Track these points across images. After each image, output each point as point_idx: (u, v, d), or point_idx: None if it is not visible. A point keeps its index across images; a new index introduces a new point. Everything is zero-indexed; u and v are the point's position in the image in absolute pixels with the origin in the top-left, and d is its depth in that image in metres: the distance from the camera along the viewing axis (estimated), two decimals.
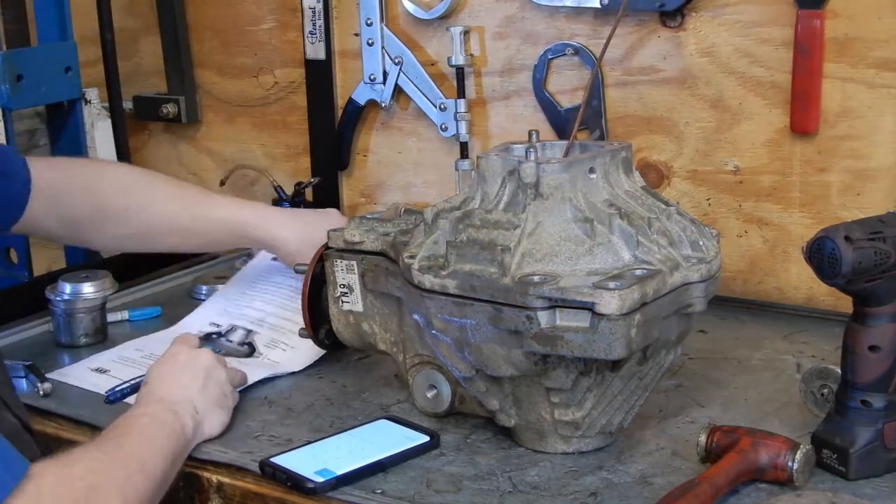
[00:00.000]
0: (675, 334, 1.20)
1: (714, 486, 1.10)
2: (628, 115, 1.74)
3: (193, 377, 1.31)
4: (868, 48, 1.55)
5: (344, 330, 1.39)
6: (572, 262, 1.14)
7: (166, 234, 1.60)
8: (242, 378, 1.41)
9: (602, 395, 1.20)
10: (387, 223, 1.36)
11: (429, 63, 1.88)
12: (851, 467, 1.14)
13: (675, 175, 1.72)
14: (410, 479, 1.20)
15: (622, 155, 1.24)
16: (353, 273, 1.36)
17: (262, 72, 2.07)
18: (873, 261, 1.10)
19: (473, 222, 1.19)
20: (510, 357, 1.16)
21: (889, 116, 1.55)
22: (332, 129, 1.98)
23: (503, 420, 1.25)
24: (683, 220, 1.22)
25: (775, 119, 1.63)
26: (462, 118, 1.83)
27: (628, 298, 1.08)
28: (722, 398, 1.37)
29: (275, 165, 2.09)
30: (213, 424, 1.30)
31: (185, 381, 1.30)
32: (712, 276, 1.19)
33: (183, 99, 2.12)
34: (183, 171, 2.21)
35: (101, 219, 1.56)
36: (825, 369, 1.26)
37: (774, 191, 1.66)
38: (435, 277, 1.17)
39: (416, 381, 1.33)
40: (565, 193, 1.17)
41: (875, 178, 1.58)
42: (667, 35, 1.68)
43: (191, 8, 2.11)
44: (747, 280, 1.70)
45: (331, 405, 1.39)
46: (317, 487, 1.17)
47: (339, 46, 1.96)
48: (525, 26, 1.79)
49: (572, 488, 1.17)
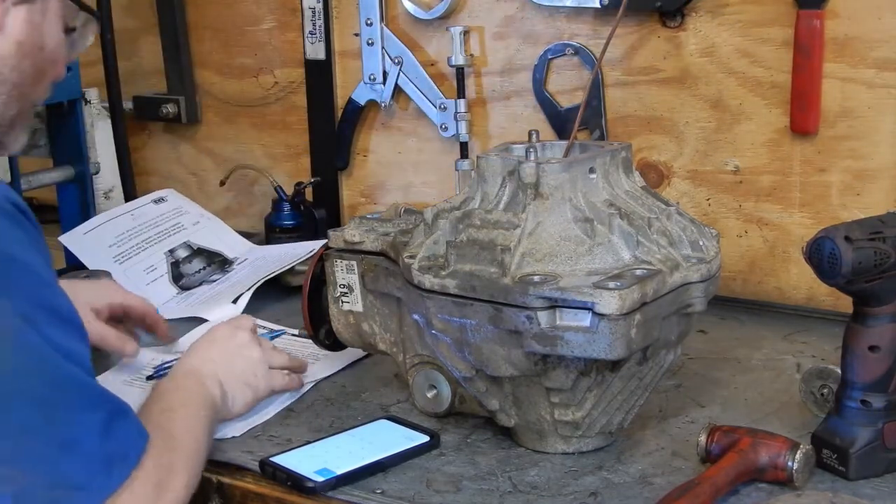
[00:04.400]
0: (675, 334, 1.20)
1: (714, 486, 1.10)
2: (628, 115, 1.74)
3: (222, 352, 1.32)
4: (868, 48, 1.55)
5: (344, 330, 1.39)
6: (572, 262, 1.14)
7: None
8: (283, 361, 1.40)
9: (602, 395, 1.20)
10: (387, 223, 1.36)
11: (429, 63, 1.88)
12: (851, 467, 1.14)
13: (675, 175, 1.72)
14: (410, 479, 1.20)
15: (622, 155, 1.24)
16: (353, 273, 1.36)
17: (262, 72, 2.07)
18: (873, 261, 1.10)
19: (473, 222, 1.19)
20: (510, 357, 1.16)
21: (889, 116, 1.56)
22: (332, 129, 1.99)
23: (503, 420, 1.25)
24: (683, 220, 1.22)
25: (775, 119, 1.63)
26: (462, 118, 1.83)
27: (628, 298, 1.08)
28: (722, 398, 1.37)
29: (275, 165, 2.09)
30: (237, 402, 1.30)
31: (213, 356, 1.31)
32: (712, 276, 1.19)
33: (183, 99, 2.13)
34: (183, 172, 2.22)
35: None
36: (825, 369, 1.26)
37: (774, 191, 1.66)
38: (435, 277, 1.17)
39: (416, 381, 1.33)
40: (565, 193, 1.17)
41: (875, 178, 1.58)
42: (667, 35, 1.68)
43: (191, 8, 2.11)
44: (747, 280, 1.71)
45: (331, 405, 1.39)
46: (317, 487, 1.17)
47: (339, 46, 1.96)
48: (525, 26, 1.79)
49: (572, 488, 1.17)
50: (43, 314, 0.97)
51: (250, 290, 1.72)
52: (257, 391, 1.34)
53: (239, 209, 2.16)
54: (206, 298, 1.75)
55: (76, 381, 0.99)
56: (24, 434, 0.95)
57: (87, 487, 0.97)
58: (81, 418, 0.98)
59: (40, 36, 1.12)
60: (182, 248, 1.88)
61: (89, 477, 0.97)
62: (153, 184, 2.19)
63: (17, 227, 0.98)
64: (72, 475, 0.96)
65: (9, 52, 1.09)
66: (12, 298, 0.95)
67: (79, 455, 0.97)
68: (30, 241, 0.99)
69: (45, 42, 1.13)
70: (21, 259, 0.97)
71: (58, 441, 0.96)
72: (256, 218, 2.08)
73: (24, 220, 1.00)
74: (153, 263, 1.84)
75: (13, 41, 1.09)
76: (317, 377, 1.46)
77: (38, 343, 0.96)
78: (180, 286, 1.82)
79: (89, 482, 0.97)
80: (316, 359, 1.51)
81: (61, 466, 0.96)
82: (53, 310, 0.99)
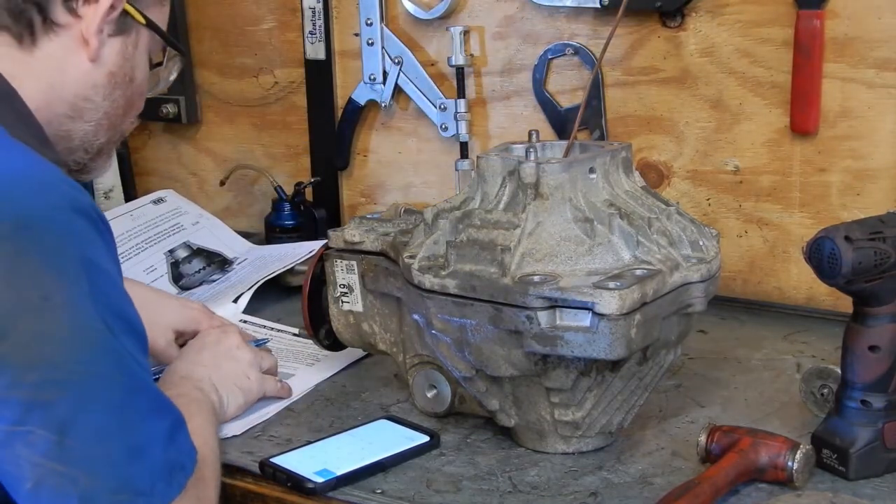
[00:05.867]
0: (675, 334, 1.20)
1: (714, 486, 1.10)
2: (628, 115, 1.74)
3: (213, 355, 1.33)
4: (868, 48, 1.55)
5: (344, 330, 1.39)
6: (572, 262, 1.14)
7: None
8: (273, 363, 1.41)
9: (602, 395, 1.20)
10: (387, 223, 1.36)
11: (429, 63, 1.88)
12: (851, 467, 1.14)
13: (675, 175, 1.72)
14: (410, 479, 1.20)
15: (622, 155, 1.24)
16: (353, 273, 1.36)
17: (262, 72, 2.07)
18: (873, 261, 1.10)
19: (473, 222, 1.19)
20: (510, 357, 1.16)
21: (889, 116, 1.56)
22: (332, 129, 1.99)
23: (503, 420, 1.25)
24: (683, 220, 1.22)
25: (775, 119, 1.63)
26: (462, 118, 1.83)
27: (628, 298, 1.08)
28: (722, 398, 1.37)
29: (275, 165, 2.09)
30: (231, 406, 1.31)
31: (203, 359, 1.32)
32: (712, 276, 1.19)
33: (183, 99, 2.12)
34: (183, 172, 2.22)
35: None
36: (825, 369, 1.26)
37: (774, 191, 1.66)
38: (435, 277, 1.17)
39: (416, 381, 1.33)
40: (565, 193, 1.17)
41: (875, 178, 1.58)
42: (667, 35, 1.68)
43: (191, 8, 2.11)
44: (747, 280, 1.71)
45: (331, 405, 1.39)
46: (317, 487, 1.17)
47: (339, 46, 1.96)
48: (525, 26, 1.79)
49: (572, 488, 1.17)
50: (119, 322, 0.98)
51: (251, 289, 1.72)
52: (249, 394, 1.34)
53: (239, 209, 2.16)
54: (206, 298, 1.75)
55: (147, 389, 1.00)
56: (97, 437, 0.95)
57: (149, 494, 0.97)
58: (150, 425, 0.99)
59: (131, 68, 1.17)
60: (182, 249, 1.88)
61: (152, 484, 0.97)
62: (153, 184, 2.20)
63: (99, 235, 1.00)
64: (137, 481, 0.96)
65: (102, 81, 1.14)
66: (97, 304, 0.96)
67: (145, 461, 0.97)
68: (108, 249, 1.01)
69: (136, 74, 1.18)
70: (103, 266, 0.98)
71: (128, 446, 0.96)
72: (256, 218, 2.09)
73: (104, 229, 1.01)
74: (153, 264, 1.84)
75: (107, 71, 1.14)
76: (316, 380, 1.46)
77: (118, 348, 0.97)
78: (180, 286, 1.82)
79: (152, 489, 0.97)
80: (316, 359, 1.51)
81: (128, 471, 0.96)
82: (127, 319, 1.00)
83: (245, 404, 1.33)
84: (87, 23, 1.10)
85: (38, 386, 0.93)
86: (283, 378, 1.42)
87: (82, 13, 1.10)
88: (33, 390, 0.93)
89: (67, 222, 0.97)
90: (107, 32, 1.12)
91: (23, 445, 0.93)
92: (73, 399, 0.94)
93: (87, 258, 0.96)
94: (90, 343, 0.95)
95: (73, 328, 0.95)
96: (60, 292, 0.94)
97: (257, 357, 1.37)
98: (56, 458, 0.93)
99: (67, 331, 0.94)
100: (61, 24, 1.10)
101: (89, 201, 1.00)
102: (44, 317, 0.94)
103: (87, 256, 0.97)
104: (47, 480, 0.93)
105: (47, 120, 1.11)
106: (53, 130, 1.12)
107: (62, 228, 0.96)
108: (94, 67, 1.13)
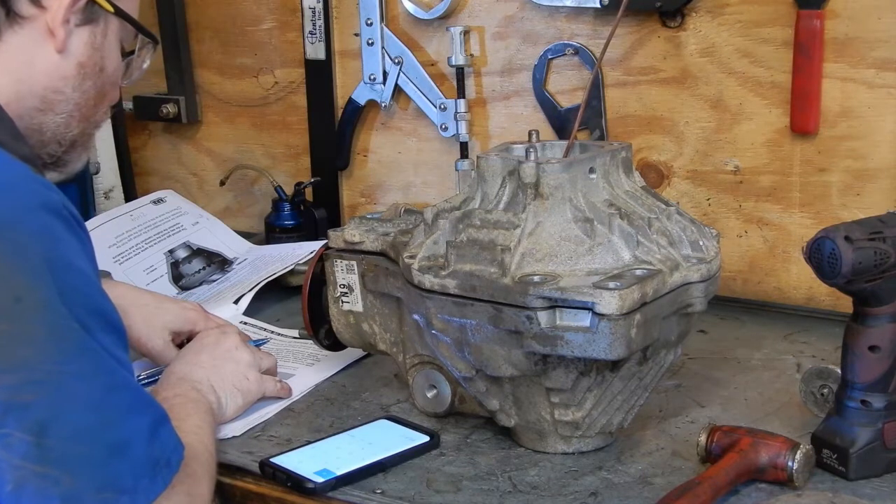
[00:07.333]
0: (675, 334, 1.20)
1: (714, 486, 1.10)
2: (628, 115, 1.74)
3: (211, 356, 1.33)
4: (868, 48, 1.55)
5: (344, 330, 1.39)
6: (572, 262, 1.14)
7: None
8: (272, 363, 1.41)
9: (602, 395, 1.20)
10: (387, 223, 1.36)
11: (429, 63, 1.88)
12: (851, 467, 1.14)
13: (675, 175, 1.72)
14: (410, 479, 1.20)
15: (622, 155, 1.24)
16: (353, 273, 1.36)
17: (262, 72, 2.07)
18: (873, 261, 1.10)
19: (473, 222, 1.19)
20: (510, 357, 1.16)
21: (889, 116, 1.56)
22: (332, 129, 1.99)
23: (503, 420, 1.25)
24: (683, 220, 1.22)
25: (775, 119, 1.63)
26: (462, 118, 1.83)
27: (628, 298, 1.08)
28: (722, 398, 1.37)
29: (275, 165, 2.09)
30: (229, 406, 1.31)
31: (202, 360, 1.32)
32: (712, 276, 1.19)
33: (183, 99, 2.12)
34: (183, 172, 2.22)
35: None
36: (825, 369, 1.26)
37: (774, 191, 1.66)
38: (435, 277, 1.17)
39: (416, 381, 1.33)
40: (565, 193, 1.17)
41: (875, 178, 1.58)
42: (667, 35, 1.68)
43: (191, 8, 2.11)
44: (747, 280, 1.71)
45: (331, 405, 1.39)
46: (317, 487, 1.17)
47: (339, 46, 1.96)
48: (525, 26, 1.79)
49: (572, 488, 1.17)
50: (96, 320, 0.98)
51: (252, 290, 1.72)
52: (248, 395, 1.34)
53: (239, 209, 2.16)
54: (206, 299, 1.75)
55: (127, 386, 1.00)
56: (77, 437, 0.95)
57: (132, 491, 0.97)
58: (131, 422, 0.99)
59: (101, 58, 1.14)
60: (182, 249, 1.88)
61: (136, 481, 0.97)
62: (153, 184, 2.20)
63: (73, 235, 0.99)
64: (120, 478, 0.96)
65: (71, 72, 1.12)
66: (70, 303, 0.95)
67: (128, 459, 0.97)
68: (82, 247, 1.00)
69: (106, 64, 1.15)
70: (76, 265, 0.98)
71: (108, 444, 0.96)
72: (256, 218, 2.09)
73: (77, 228, 1.01)
74: (153, 264, 1.85)
75: (76, 62, 1.12)
76: (316, 380, 1.46)
77: (94, 347, 0.96)
78: (180, 286, 1.82)
79: (135, 486, 0.97)
80: (316, 359, 1.51)
81: (110, 469, 0.96)
82: (103, 315, 0.99)
83: (244, 405, 1.33)
84: (52, 14, 1.08)
85: (13, 388, 0.93)
86: (283, 378, 1.42)
87: (47, 4, 1.08)
88: (9, 392, 0.92)
89: (37, 221, 0.96)
90: (73, 22, 1.10)
91: (1, 448, 0.93)
92: (49, 399, 0.93)
93: (58, 257, 0.96)
94: (65, 342, 0.95)
95: (47, 328, 0.94)
96: (32, 293, 0.94)
97: (256, 357, 1.37)
98: (35, 459, 0.93)
99: (41, 331, 0.94)
100: (26, 16, 1.08)
101: (60, 199, 1.00)
102: (17, 318, 0.93)
103: (58, 255, 0.96)
104: (28, 482, 0.93)
105: (18, 114, 1.09)
106: (25, 124, 1.11)
107: (32, 228, 0.96)
108: (63, 59, 1.10)
